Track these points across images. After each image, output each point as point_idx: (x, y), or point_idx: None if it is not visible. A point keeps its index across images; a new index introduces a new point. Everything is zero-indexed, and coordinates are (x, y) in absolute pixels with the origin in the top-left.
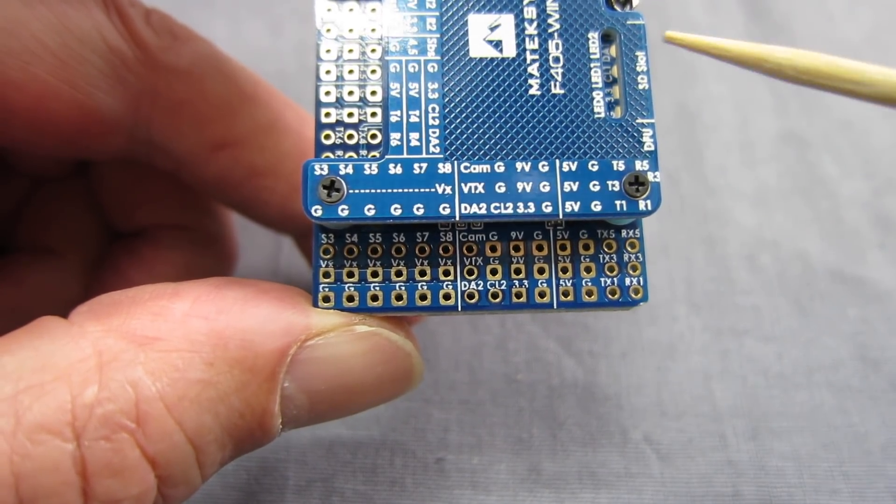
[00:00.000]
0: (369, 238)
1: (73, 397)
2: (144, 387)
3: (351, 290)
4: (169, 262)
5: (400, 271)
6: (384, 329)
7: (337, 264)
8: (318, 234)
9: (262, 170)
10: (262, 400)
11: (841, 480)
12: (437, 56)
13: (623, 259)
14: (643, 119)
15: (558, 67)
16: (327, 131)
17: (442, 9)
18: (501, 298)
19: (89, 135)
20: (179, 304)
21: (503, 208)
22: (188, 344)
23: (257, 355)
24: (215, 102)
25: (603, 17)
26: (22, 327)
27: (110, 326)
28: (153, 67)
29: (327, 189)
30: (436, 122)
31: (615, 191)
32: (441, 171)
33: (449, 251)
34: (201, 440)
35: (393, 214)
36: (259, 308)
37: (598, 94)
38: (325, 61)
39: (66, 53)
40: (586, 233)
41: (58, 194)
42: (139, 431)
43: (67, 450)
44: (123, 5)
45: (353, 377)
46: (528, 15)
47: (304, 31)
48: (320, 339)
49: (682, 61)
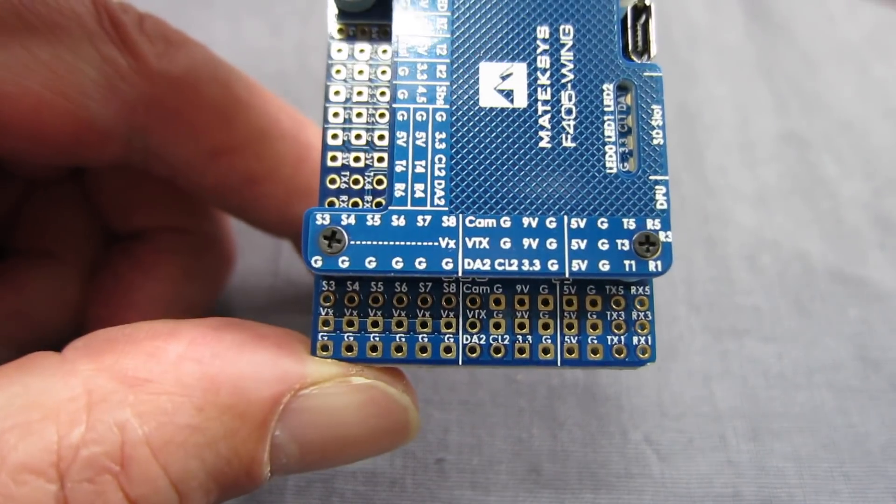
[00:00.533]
0: (371, 287)
1: (59, 437)
2: (131, 429)
3: (350, 339)
4: (167, 264)
5: (401, 322)
6: (381, 382)
7: (337, 313)
8: (319, 281)
9: (259, 175)
10: (250, 448)
11: (841, 481)
12: (445, 105)
13: (631, 317)
14: (657, 176)
15: (570, 119)
16: (332, 175)
17: (453, 56)
18: (504, 353)
19: (84, 144)
20: (174, 346)
21: (508, 265)
22: (179, 388)
23: (249, 402)
24: (211, 109)
25: (619, 68)
26: (13, 361)
27: (102, 365)
28: (147, 76)
29: (328, 240)
30: (442, 174)
31: (624, 250)
32: (445, 224)
33: (452, 303)
34: (185, 486)
35: (394, 268)
36: (255, 354)
37: (611, 147)
38: (333, 103)
39: (58, 65)
40: (594, 288)
41: (54, 198)
42: (123, 475)
43: (51, 491)
44: (116, 13)
45: (347, 429)
46: (541, 64)
47: (304, 31)
48: (315, 388)
49: (683, 61)
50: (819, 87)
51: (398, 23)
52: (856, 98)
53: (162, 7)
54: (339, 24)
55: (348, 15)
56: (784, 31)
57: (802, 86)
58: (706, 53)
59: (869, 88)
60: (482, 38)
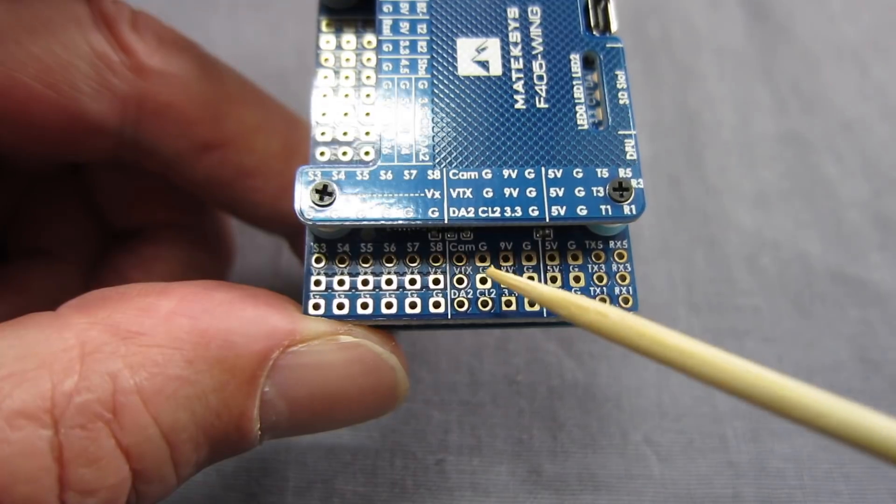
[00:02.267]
0: (360, 247)
1: (53, 385)
2: (123, 379)
3: (341, 297)
4: (167, 260)
5: (390, 280)
6: (369, 341)
7: (328, 273)
8: (310, 242)
9: (251, 170)
10: (240, 401)
11: (841, 482)
12: (427, 74)
13: (612, 269)
14: (625, 131)
15: (542, 85)
16: (322, 149)
17: (432, 34)
18: (491, 307)
19: (76, 139)
20: (166, 302)
21: (491, 212)
22: (170, 340)
23: (238, 356)
24: (202, 104)
25: (583, 40)
26: (10, 320)
27: (95, 319)
28: (139, 71)
29: (320, 193)
30: (426, 133)
31: (600, 196)
32: (430, 177)
33: (439, 260)
34: (176, 437)
35: (384, 217)
36: (245, 311)
37: (581, 107)
38: (321, 87)
39: (51, 59)
40: (574, 243)
41: (53, 197)
42: (115, 422)
43: (45, 436)
44: (109, 9)
45: (335, 386)
46: (513, 39)
47: (304, 30)
48: (303, 346)
49: (683, 61)
50: (819, 87)
51: (382, 9)
52: (856, 98)
53: (163, 7)
54: (326, 18)
55: (334, 11)
56: (784, 31)
57: (802, 86)
58: (706, 53)
59: (869, 88)
60: (458, 18)
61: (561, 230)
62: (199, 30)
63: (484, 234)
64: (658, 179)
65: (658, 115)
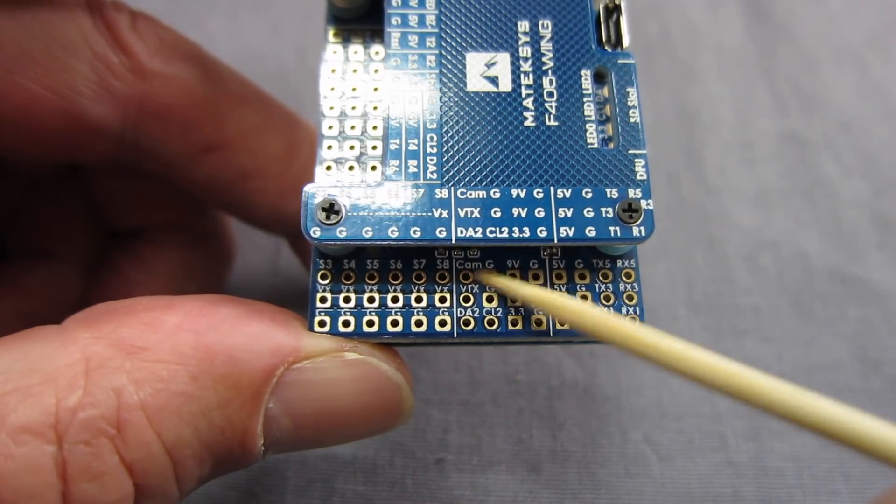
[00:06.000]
0: (367, 264)
1: (57, 400)
2: (127, 394)
3: (347, 315)
4: (167, 260)
5: (396, 297)
6: (374, 358)
7: (334, 290)
8: (317, 259)
9: (252, 172)
10: (244, 418)
11: (841, 481)
12: (435, 89)
13: (619, 289)
14: (635, 150)
15: (552, 101)
16: (329, 164)
17: (441, 48)
18: (497, 325)
19: (76, 141)
20: (171, 317)
21: (499, 233)
22: (175, 356)
23: (243, 373)
24: (202, 106)
25: (594, 56)
26: (15, 333)
27: (101, 333)
28: (140, 73)
29: (326, 211)
30: (434, 150)
31: (609, 217)
32: (438, 196)
33: (445, 278)
34: (179, 453)
35: (390, 236)
36: (250, 327)
37: (591, 125)
38: (329, 98)
39: (50, 62)
40: (582, 263)
41: (53, 198)
42: (119, 438)
43: (49, 451)
44: (109, 11)
45: (339, 404)
46: (523, 54)
47: (304, 31)
48: (308, 362)
49: (683, 61)
50: (819, 87)
51: (391, 21)
52: (856, 98)
53: (162, 7)
54: (334, 28)
55: (343, 20)
56: (784, 31)
57: (802, 86)
58: (706, 53)
59: (869, 88)
60: (468, 32)
61: (569, 249)
62: (199, 30)
63: (491, 252)
64: (657, 179)
65: (657, 115)
